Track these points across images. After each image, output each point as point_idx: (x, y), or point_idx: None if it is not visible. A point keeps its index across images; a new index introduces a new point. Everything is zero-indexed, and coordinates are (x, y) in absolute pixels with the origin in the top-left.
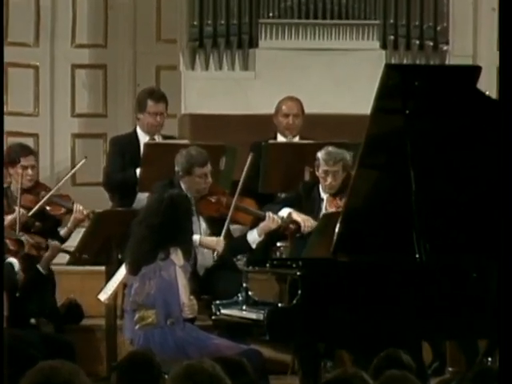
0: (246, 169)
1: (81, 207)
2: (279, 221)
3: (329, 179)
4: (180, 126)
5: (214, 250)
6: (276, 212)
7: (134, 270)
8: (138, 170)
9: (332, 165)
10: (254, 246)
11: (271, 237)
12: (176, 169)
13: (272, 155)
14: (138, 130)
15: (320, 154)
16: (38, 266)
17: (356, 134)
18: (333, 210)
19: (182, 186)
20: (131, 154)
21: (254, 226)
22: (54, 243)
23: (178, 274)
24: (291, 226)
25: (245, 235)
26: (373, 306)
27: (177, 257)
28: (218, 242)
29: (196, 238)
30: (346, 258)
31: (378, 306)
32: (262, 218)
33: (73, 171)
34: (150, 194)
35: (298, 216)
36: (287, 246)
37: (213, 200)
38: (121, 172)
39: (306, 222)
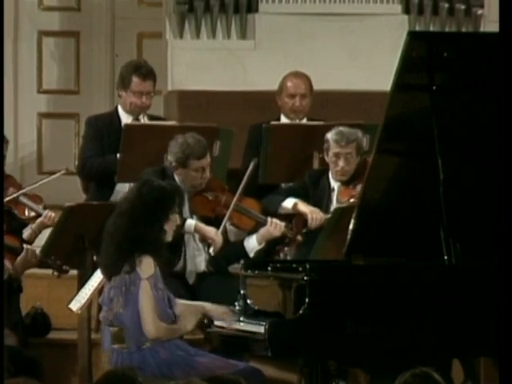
0: (246, 177)
1: (52, 214)
2: (282, 227)
3: (340, 163)
4: (166, 105)
5: (209, 244)
6: (278, 204)
7: (106, 275)
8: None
9: (344, 146)
10: (251, 255)
11: (273, 243)
12: (169, 158)
13: (275, 139)
14: (120, 110)
15: (330, 135)
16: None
17: (373, 114)
18: (345, 200)
19: (176, 177)
20: (111, 138)
21: (253, 230)
22: (31, 249)
23: (143, 288)
24: (298, 237)
25: (242, 241)
26: (393, 317)
27: (142, 267)
28: (217, 234)
29: (191, 222)
30: (362, 260)
31: (400, 317)
32: (263, 223)
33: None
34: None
35: (304, 207)
36: (292, 247)
37: (210, 197)
38: (98, 157)
39: (314, 214)
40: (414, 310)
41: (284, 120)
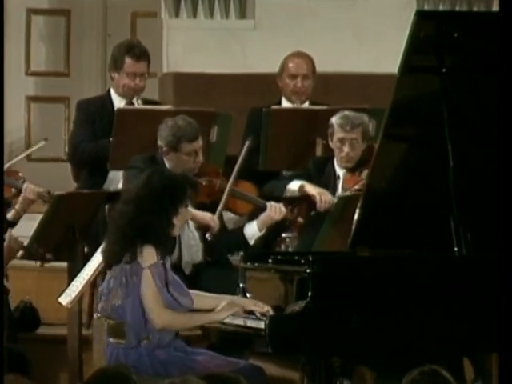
0: (242, 156)
1: (31, 186)
2: (283, 211)
3: (345, 148)
4: (161, 88)
5: (206, 231)
6: (283, 187)
7: (107, 263)
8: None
9: (349, 131)
10: (251, 242)
11: (274, 229)
12: (159, 143)
13: (275, 124)
14: (113, 93)
15: (334, 119)
16: None
17: (380, 97)
18: (351, 187)
19: (167, 164)
20: (103, 123)
21: (251, 216)
22: (13, 236)
23: (144, 277)
24: (299, 219)
25: (241, 228)
26: (401, 311)
27: (143, 256)
28: (213, 218)
29: None
30: (367, 251)
31: (407, 311)
32: (263, 208)
33: (22, 155)
34: (128, 169)
35: (312, 189)
36: (294, 237)
37: (203, 182)
38: (91, 142)
39: (322, 195)
40: (423, 304)
41: (285, 104)
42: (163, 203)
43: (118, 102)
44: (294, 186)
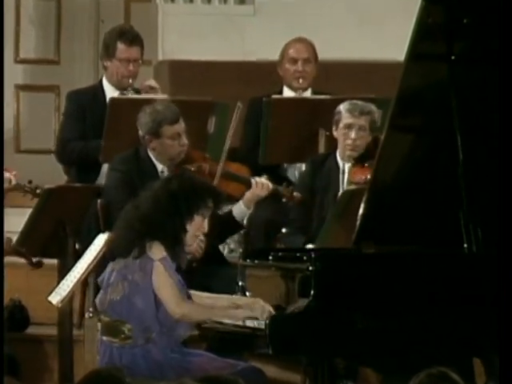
0: (232, 124)
1: (7, 174)
2: (270, 186)
3: (352, 134)
4: (156, 76)
5: None
6: None
7: (111, 255)
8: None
9: (358, 116)
10: (244, 223)
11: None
12: (140, 133)
13: (276, 114)
14: (105, 83)
15: (342, 106)
16: None
17: (386, 86)
18: (360, 180)
19: (151, 155)
20: (94, 116)
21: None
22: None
23: (156, 269)
24: (295, 194)
25: (229, 212)
26: (407, 310)
27: (152, 251)
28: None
29: None
30: (372, 248)
31: (415, 310)
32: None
33: None
34: (110, 171)
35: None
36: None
37: (192, 168)
38: (79, 139)
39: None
40: (431, 303)
41: (287, 93)
42: (178, 205)
43: (111, 93)
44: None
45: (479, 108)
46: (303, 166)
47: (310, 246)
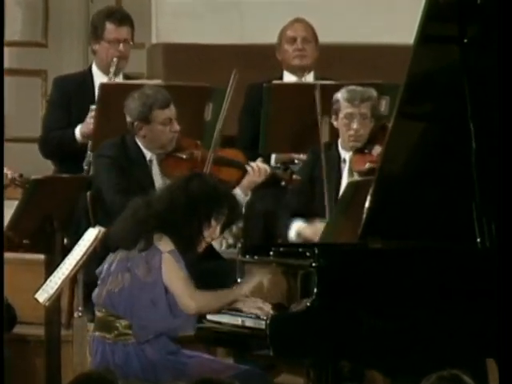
0: (227, 94)
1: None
2: (267, 170)
3: (354, 125)
4: (150, 60)
5: None
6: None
7: (113, 246)
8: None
9: (358, 105)
10: (242, 211)
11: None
12: (128, 119)
13: (277, 101)
14: (94, 69)
15: (340, 94)
16: None
17: (394, 71)
18: (362, 168)
19: (140, 143)
20: (81, 104)
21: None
22: None
23: (166, 262)
24: (294, 176)
25: None
26: (417, 309)
27: (161, 243)
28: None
29: None
30: (380, 243)
31: (425, 309)
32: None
33: None
34: (97, 158)
35: (313, 234)
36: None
37: (183, 156)
38: (61, 129)
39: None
40: (441, 301)
41: (287, 78)
42: (197, 208)
43: (100, 79)
44: (291, 232)
45: (493, 94)
46: None
47: (298, 224)
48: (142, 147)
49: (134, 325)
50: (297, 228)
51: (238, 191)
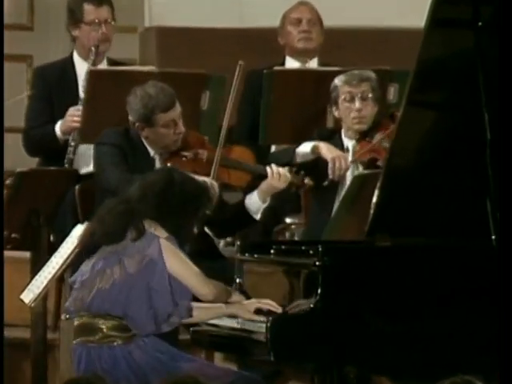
0: (233, 87)
1: None
2: (288, 176)
3: (356, 104)
4: (142, 45)
5: None
6: (291, 154)
7: (87, 247)
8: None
9: (356, 84)
10: (258, 217)
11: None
12: (130, 119)
13: (278, 88)
14: (76, 57)
15: (337, 80)
16: None
17: (403, 56)
18: (364, 157)
19: (144, 141)
20: (63, 95)
21: (251, 187)
22: None
23: (167, 249)
24: (306, 181)
25: (240, 203)
26: (428, 311)
27: (157, 229)
28: (211, 182)
29: None
30: (388, 241)
31: (436, 311)
32: (263, 175)
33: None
34: (98, 146)
35: (327, 151)
36: (300, 223)
37: (189, 156)
38: (44, 125)
39: (337, 160)
40: (455, 303)
41: (290, 64)
42: (185, 201)
43: (82, 67)
44: (306, 147)
45: (509, 82)
46: None
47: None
48: (145, 143)
49: (129, 319)
50: (313, 143)
51: (254, 196)
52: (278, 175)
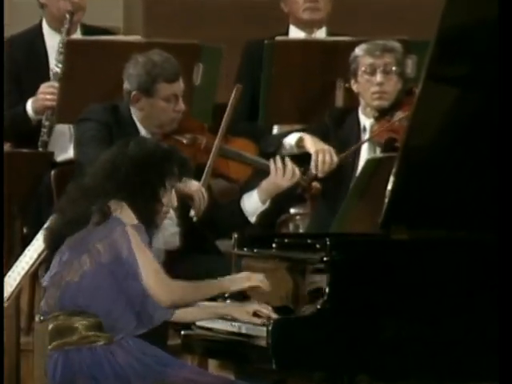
0: (230, 104)
1: None
2: (296, 172)
3: (377, 77)
4: (127, 13)
5: (188, 206)
6: (278, 144)
7: (50, 243)
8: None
9: (379, 55)
10: (253, 220)
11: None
12: (126, 87)
13: (281, 61)
14: (45, 26)
15: (357, 49)
16: None
17: (422, 26)
18: (382, 138)
19: (135, 115)
20: (33, 72)
21: (250, 181)
22: None
23: (130, 235)
24: (315, 184)
25: (237, 202)
26: (448, 314)
27: (122, 213)
28: (199, 188)
29: None
30: (405, 233)
31: (457, 313)
32: (265, 170)
33: None
34: (81, 122)
35: (311, 144)
36: (305, 214)
37: (184, 141)
38: (13, 106)
39: (321, 153)
40: (479, 304)
41: (295, 34)
42: (146, 173)
43: (52, 38)
44: (291, 139)
45: None
46: None
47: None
48: (136, 122)
49: (100, 314)
50: (299, 135)
51: (254, 196)
52: (281, 171)
